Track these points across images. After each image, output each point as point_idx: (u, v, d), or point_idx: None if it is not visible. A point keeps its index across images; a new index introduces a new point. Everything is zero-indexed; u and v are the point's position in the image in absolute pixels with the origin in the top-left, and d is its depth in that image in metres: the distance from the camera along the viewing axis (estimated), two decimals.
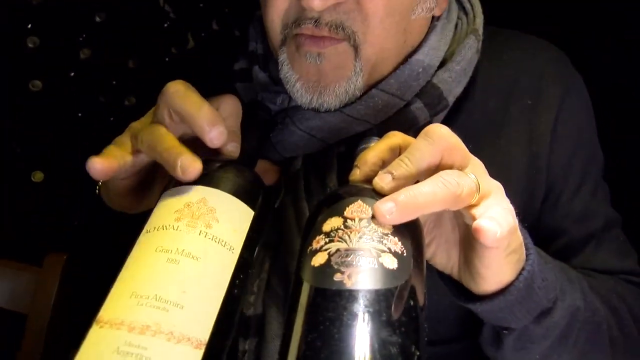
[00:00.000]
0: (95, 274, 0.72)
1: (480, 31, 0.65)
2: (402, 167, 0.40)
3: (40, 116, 1.16)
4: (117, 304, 0.37)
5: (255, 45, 0.68)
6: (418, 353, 0.33)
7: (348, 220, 0.37)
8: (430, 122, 0.59)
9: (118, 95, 1.25)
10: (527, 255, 0.45)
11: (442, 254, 0.46)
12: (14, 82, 1.12)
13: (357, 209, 0.38)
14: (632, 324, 0.59)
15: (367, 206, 0.38)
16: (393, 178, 0.39)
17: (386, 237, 0.36)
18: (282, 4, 0.56)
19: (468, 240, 0.44)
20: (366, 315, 0.32)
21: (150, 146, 0.48)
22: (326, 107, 0.58)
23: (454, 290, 0.48)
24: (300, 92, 0.58)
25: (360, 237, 0.36)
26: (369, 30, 0.55)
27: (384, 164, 0.43)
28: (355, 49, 0.56)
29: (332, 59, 0.56)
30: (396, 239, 0.36)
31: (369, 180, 0.41)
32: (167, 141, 0.47)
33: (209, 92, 0.76)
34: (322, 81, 0.57)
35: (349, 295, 0.33)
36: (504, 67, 0.66)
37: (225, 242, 0.42)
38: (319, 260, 0.36)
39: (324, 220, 0.38)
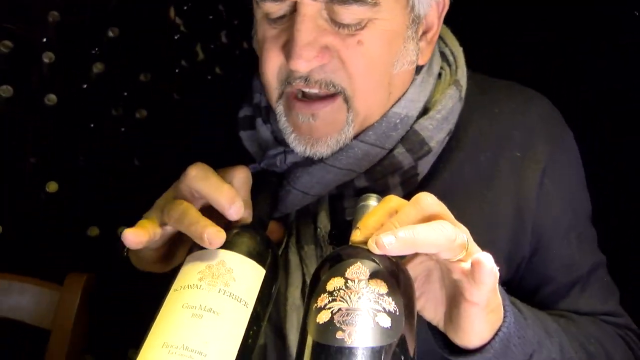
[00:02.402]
0: (116, 291, 0.75)
1: (462, 82, 0.69)
2: (392, 229, 0.45)
3: (56, 128, 1.20)
4: (151, 352, 0.46)
5: (260, 97, 0.73)
6: None
7: (349, 281, 0.42)
8: (415, 166, 0.64)
9: (130, 108, 1.29)
10: (504, 317, 0.50)
11: (430, 308, 0.51)
12: (30, 95, 1.16)
13: (357, 270, 0.43)
14: None
15: (365, 268, 0.43)
16: (384, 239, 0.44)
17: (382, 298, 0.41)
18: (276, 62, 0.61)
19: (454, 299, 0.49)
20: None
21: (177, 220, 0.54)
22: (319, 155, 0.64)
23: (440, 341, 0.53)
24: (295, 143, 0.64)
25: (359, 298, 0.41)
26: (355, 86, 0.60)
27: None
28: (347, 102, 0.61)
29: (326, 117, 0.61)
30: (390, 298, 0.42)
31: (367, 240, 0.46)
32: (192, 215, 0.53)
33: (215, 138, 0.81)
34: (314, 135, 0.62)
35: (349, 353, 0.38)
36: (496, 122, 0.69)
37: (241, 299, 0.49)
38: (323, 317, 0.41)
39: (328, 280, 0.43)
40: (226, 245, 0.52)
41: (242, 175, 0.58)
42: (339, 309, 0.41)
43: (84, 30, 1.23)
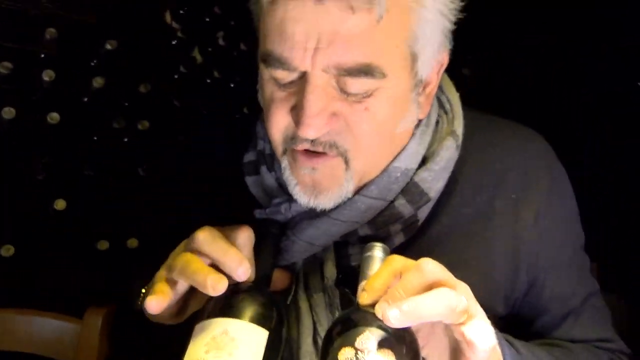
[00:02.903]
0: (135, 323, 0.77)
1: (459, 131, 0.70)
2: (397, 297, 0.49)
3: (59, 145, 1.20)
4: None
5: (264, 145, 0.75)
6: None
7: (358, 353, 0.46)
8: (415, 215, 0.67)
9: (131, 119, 1.29)
10: None
11: (434, 356, 0.54)
12: (32, 114, 1.16)
13: (366, 340, 0.47)
14: None
15: (374, 337, 0.47)
16: (389, 308, 0.47)
17: None
18: (282, 122, 0.63)
19: (455, 351, 0.53)
20: None
21: (180, 271, 0.56)
22: (322, 207, 0.66)
23: None
24: (299, 194, 0.66)
25: None
26: (359, 147, 0.63)
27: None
28: (347, 162, 0.64)
29: (325, 171, 0.64)
30: None
31: (375, 302, 0.50)
32: (194, 264, 0.56)
33: (220, 184, 0.82)
34: (316, 187, 0.65)
35: None
36: (490, 164, 0.71)
37: None
38: None
39: (339, 349, 0.48)
40: (229, 313, 0.55)
41: (245, 235, 0.61)
42: None
43: (82, 44, 1.21)
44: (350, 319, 0.50)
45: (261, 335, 0.54)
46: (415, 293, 0.48)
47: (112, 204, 1.29)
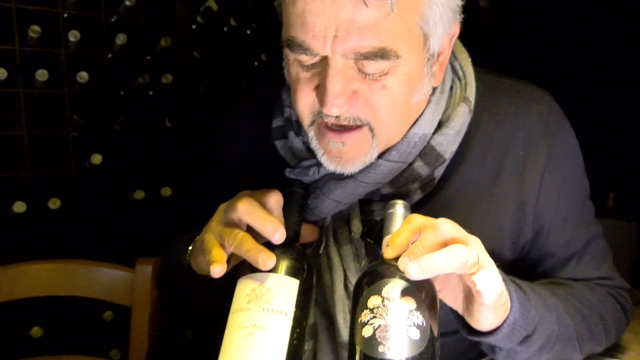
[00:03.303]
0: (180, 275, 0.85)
1: (472, 97, 0.75)
2: (417, 253, 0.55)
3: (89, 102, 1.26)
4: None
5: (290, 112, 0.80)
6: None
7: (385, 300, 0.54)
8: (431, 174, 0.74)
9: (155, 74, 1.33)
10: (511, 306, 0.61)
11: (450, 298, 0.62)
12: (62, 74, 1.21)
13: (390, 289, 0.54)
14: (599, 322, 0.75)
15: (397, 287, 0.54)
16: (410, 262, 0.54)
17: (411, 314, 0.53)
18: (308, 99, 0.69)
19: (468, 295, 0.60)
20: None
21: (236, 247, 0.64)
22: (347, 173, 0.72)
23: (460, 322, 0.64)
24: (327, 162, 0.72)
25: (394, 315, 0.53)
26: (379, 120, 0.68)
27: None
28: (372, 131, 0.69)
29: (354, 144, 0.70)
30: (418, 312, 0.53)
31: (398, 256, 0.56)
32: (249, 243, 0.63)
33: (252, 146, 0.86)
34: (343, 157, 0.70)
35: None
36: (500, 124, 0.76)
37: (281, 311, 0.60)
38: (367, 332, 0.53)
39: (368, 297, 0.55)
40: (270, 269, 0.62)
41: (275, 199, 0.68)
42: (379, 325, 0.53)
43: (101, 1, 1.24)
44: (377, 271, 0.57)
45: (293, 284, 0.62)
46: (433, 249, 0.55)
47: (143, 156, 1.36)
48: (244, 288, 0.62)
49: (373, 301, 0.54)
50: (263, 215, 0.65)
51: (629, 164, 1.64)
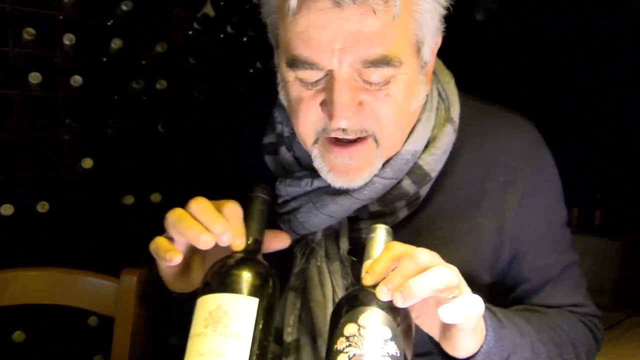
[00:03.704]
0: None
1: (456, 117, 0.78)
2: (394, 281, 0.56)
3: (82, 106, 1.25)
4: None
5: (282, 128, 0.82)
6: None
7: (361, 329, 0.55)
8: (417, 192, 0.76)
9: (150, 79, 1.33)
10: (486, 334, 0.63)
11: (427, 325, 0.63)
12: (56, 77, 1.20)
13: (368, 318, 0.55)
14: (571, 349, 0.77)
15: (374, 316, 0.55)
16: (388, 290, 0.56)
17: (386, 344, 0.54)
18: (313, 117, 0.70)
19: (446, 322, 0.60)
20: None
21: (173, 225, 0.63)
22: (354, 187, 0.74)
23: (436, 348, 0.65)
24: (333, 179, 0.73)
25: (369, 344, 0.54)
26: (384, 129, 0.70)
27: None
28: (377, 142, 0.71)
29: (360, 156, 0.71)
30: (393, 342, 0.54)
31: (377, 283, 0.58)
32: (188, 220, 0.62)
33: (243, 163, 0.86)
34: (350, 172, 0.72)
35: None
36: (483, 150, 0.79)
37: (239, 335, 0.57)
38: None
39: (345, 324, 0.56)
40: (222, 289, 0.60)
41: (232, 207, 0.66)
42: (354, 354, 0.54)
43: (98, 5, 1.23)
44: (355, 297, 0.58)
45: (252, 304, 0.59)
46: (410, 278, 0.56)
47: (134, 161, 1.35)
48: (202, 311, 0.59)
49: (349, 329, 0.55)
50: (213, 215, 0.63)
51: (616, 182, 1.67)
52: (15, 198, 1.18)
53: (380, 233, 0.63)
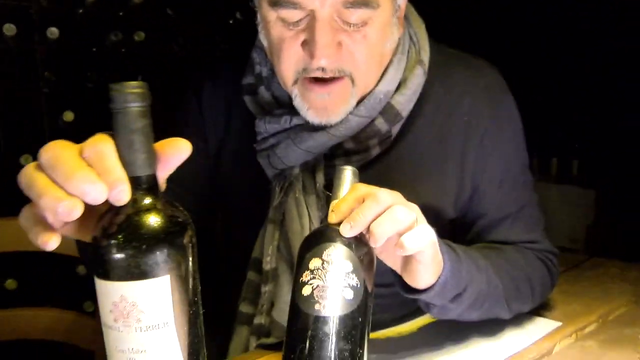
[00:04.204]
0: None
1: (425, 60, 0.82)
2: (357, 219, 0.59)
3: (60, 59, 1.25)
4: None
5: (261, 69, 0.84)
6: (360, 351, 0.57)
7: (324, 263, 0.58)
8: (389, 130, 0.80)
9: (128, 31, 1.32)
10: (443, 266, 0.65)
11: (389, 260, 0.65)
12: (33, 30, 1.20)
13: (331, 253, 0.58)
14: (526, 283, 0.81)
15: (337, 251, 0.58)
16: (351, 227, 0.59)
17: (347, 276, 0.57)
18: (294, 56, 0.72)
19: (406, 256, 0.64)
20: (333, 332, 0.55)
21: (28, 195, 0.45)
22: (331, 123, 0.77)
23: (397, 281, 0.68)
24: (312, 116, 0.76)
25: (331, 276, 0.57)
26: (359, 69, 0.74)
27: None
28: (352, 81, 0.74)
29: (337, 94, 0.75)
30: (354, 275, 0.57)
31: (341, 221, 0.60)
32: (38, 183, 0.44)
33: (226, 100, 0.86)
34: (328, 108, 0.75)
35: (323, 320, 0.56)
36: (449, 91, 0.83)
37: (158, 324, 0.46)
38: (306, 291, 0.57)
39: (310, 259, 0.59)
40: (119, 275, 0.45)
41: (97, 145, 0.47)
42: (317, 286, 0.57)
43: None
44: (320, 234, 0.61)
45: (161, 285, 0.46)
46: (373, 216, 0.59)
47: None
48: (104, 299, 0.46)
49: (314, 263, 0.58)
50: (74, 167, 0.44)
51: (593, 133, 1.70)
52: None
53: (347, 174, 0.66)
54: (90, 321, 0.95)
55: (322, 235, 0.61)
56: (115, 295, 0.45)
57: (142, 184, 0.47)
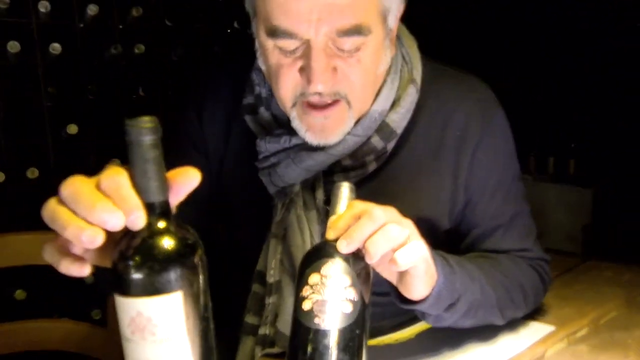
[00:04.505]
0: None
1: (418, 79, 0.86)
2: (353, 237, 0.62)
3: (62, 73, 1.28)
4: None
5: (260, 89, 0.87)
6: None
7: (323, 278, 0.61)
8: (385, 147, 0.84)
9: (128, 44, 1.35)
10: (437, 278, 0.69)
11: (386, 272, 0.68)
12: (34, 46, 1.22)
13: (329, 268, 0.61)
14: (518, 292, 0.84)
15: (335, 266, 0.61)
16: (347, 244, 0.61)
17: (345, 290, 0.60)
18: (292, 82, 0.76)
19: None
20: (332, 344, 0.58)
21: (53, 227, 0.50)
22: (329, 144, 0.80)
23: (394, 293, 0.71)
24: (310, 138, 0.79)
25: (330, 291, 0.60)
26: (355, 91, 0.77)
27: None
28: (348, 104, 0.78)
29: (334, 116, 0.78)
30: (352, 289, 0.60)
31: (338, 237, 0.63)
32: (61, 216, 0.49)
33: (226, 116, 0.89)
34: (326, 131, 0.79)
35: (323, 333, 0.59)
36: (442, 106, 0.87)
37: (170, 338, 0.50)
38: (306, 306, 0.60)
39: (309, 274, 0.61)
40: (136, 292, 0.50)
41: (112, 176, 0.50)
42: (317, 300, 0.60)
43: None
44: (319, 250, 0.64)
45: (175, 301, 0.50)
46: (368, 233, 0.62)
47: (118, 125, 1.39)
48: (123, 315, 0.51)
49: (313, 278, 0.61)
50: (92, 199, 0.48)
51: (590, 133, 1.72)
52: (5, 165, 1.23)
53: (344, 190, 0.69)
54: (103, 332, 0.98)
55: (321, 251, 0.64)
56: (133, 311, 0.50)
57: (156, 210, 0.51)
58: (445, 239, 0.88)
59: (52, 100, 1.29)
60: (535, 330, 0.86)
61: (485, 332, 0.84)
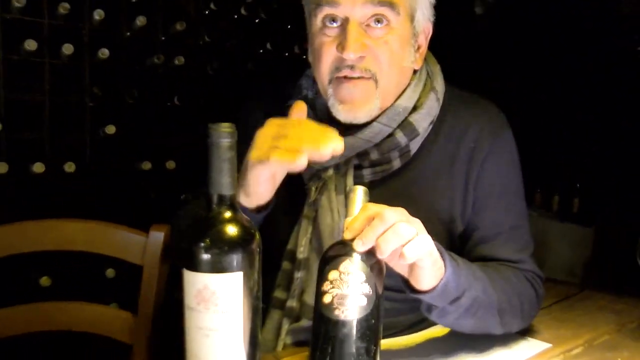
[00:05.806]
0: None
1: (439, 88, 0.99)
2: (368, 236, 0.70)
3: (108, 76, 1.37)
4: None
5: (307, 92, 1.01)
6: (375, 347, 0.68)
7: (342, 274, 0.69)
8: (408, 145, 0.95)
9: (169, 55, 1.44)
10: (445, 270, 0.77)
11: (396, 266, 0.76)
12: (85, 51, 1.32)
13: (347, 265, 0.70)
14: (516, 299, 0.91)
15: (352, 264, 0.70)
16: (363, 243, 0.70)
17: (361, 284, 0.69)
18: (330, 57, 0.90)
19: (411, 263, 0.75)
20: (351, 333, 0.67)
21: (291, 141, 0.77)
22: (358, 120, 0.91)
23: (404, 284, 0.79)
24: (341, 112, 0.91)
25: (348, 286, 0.68)
26: (382, 71, 0.89)
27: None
28: (376, 82, 0.90)
29: (362, 88, 0.90)
30: (366, 284, 0.69)
31: (354, 237, 0.72)
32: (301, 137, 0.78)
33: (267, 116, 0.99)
34: (355, 103, 0.90)
35: (342, 323, 0.67)
36: (459, 122, 0.99)
37: (228, 311, 0.61)
38: (327, 299, 0.68)
39: (329, 271, 0.70)
40: (206, 268, 0.61)
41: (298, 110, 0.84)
42: (336, 294, 0.68)
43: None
44: (337, 249, 0.73)
45: (237, 279, 0.61)
46: (380, 233, 0.70)
47: (152, 129, 1.48)
48: (190, 287, 0.61)
49: (332, 275, 0.69)
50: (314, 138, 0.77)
51: (594, 174, 1.80)
52: (45, 157, 1.32)
53: (359, 193, 0.78)
54: (130, 317, 1.04)
55: (339, 250, 0.72)
56: (200, 284, 0.60)
57: (227, 201, 0.63)
58: (459, 244, 0.97)
59: (95, 101, 1.38)
60: (533, 346, 0.92)
61: (485, 345, 0.90)
